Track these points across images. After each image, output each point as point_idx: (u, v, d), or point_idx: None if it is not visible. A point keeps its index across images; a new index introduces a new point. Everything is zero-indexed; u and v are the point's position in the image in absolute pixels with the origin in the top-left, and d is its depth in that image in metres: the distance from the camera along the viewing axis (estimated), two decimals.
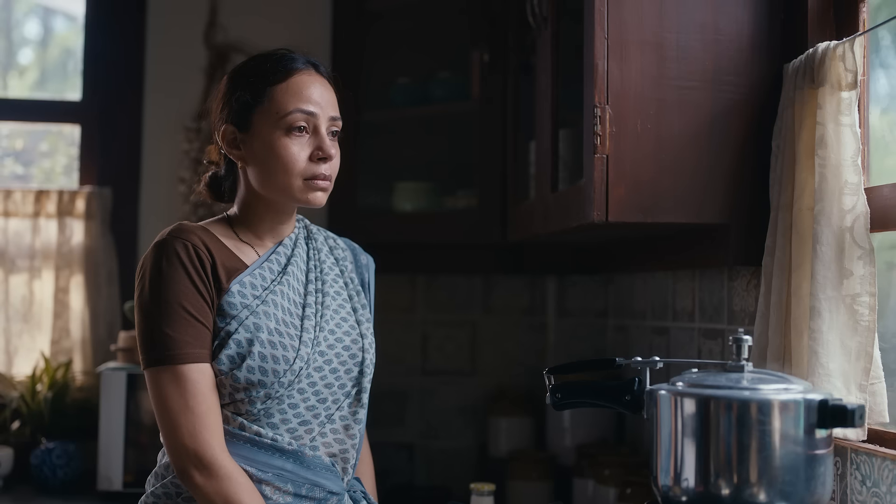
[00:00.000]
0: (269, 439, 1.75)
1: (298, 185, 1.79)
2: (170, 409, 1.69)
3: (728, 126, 1.99)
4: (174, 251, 1.73)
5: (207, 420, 1.69)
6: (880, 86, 1.96)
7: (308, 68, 1.83)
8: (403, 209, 3.05)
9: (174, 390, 1.69)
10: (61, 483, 2.91)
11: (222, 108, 1.85)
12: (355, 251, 2.03)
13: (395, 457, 3.26)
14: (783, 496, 1.46)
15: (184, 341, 1.69)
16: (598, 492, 2.60)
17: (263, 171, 1.80)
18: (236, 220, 1.87)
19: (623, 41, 1.94)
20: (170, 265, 1.72)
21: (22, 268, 3.22)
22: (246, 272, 1.79)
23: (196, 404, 1.68)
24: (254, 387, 1.73)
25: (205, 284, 1.73)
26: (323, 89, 1.83)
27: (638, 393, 1.69)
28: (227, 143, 1.83)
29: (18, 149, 3.49)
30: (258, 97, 1.79)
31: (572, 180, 2.27)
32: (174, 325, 1.70)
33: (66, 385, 3.10)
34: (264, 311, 1.76)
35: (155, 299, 1.71)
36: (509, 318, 3.34)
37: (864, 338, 1.73)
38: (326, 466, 1.80)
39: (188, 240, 1.74)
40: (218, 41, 3.31)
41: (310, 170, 1.79)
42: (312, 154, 1.79)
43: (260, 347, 1.73)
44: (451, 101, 3.01)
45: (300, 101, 1.78)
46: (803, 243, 1.81)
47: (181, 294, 1.71)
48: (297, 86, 1.79)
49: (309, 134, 1.80)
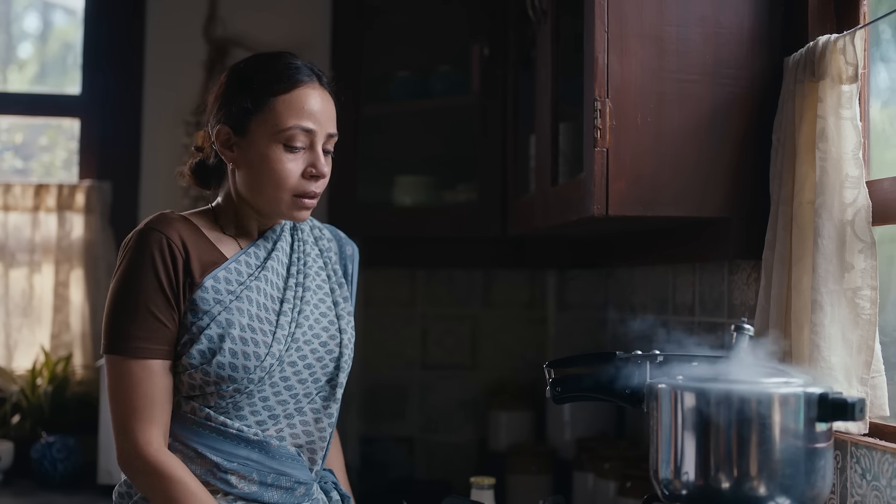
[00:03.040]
0: (235, 429, 1.75)
1: (286, 200, 1.77)
2: (115, 399, 1.71)
3: (728, 119, 1.99)
4: (147, 244, 1.72)
5: (148, 414, 1.69)
6: (881, 79, 1.95)
7: (312, 80, 1.78)
8: (403, 203, 3.05)
9: (122, 381, 1.70)
10: (61, 477, 2.91)
11: (220, 107, 1.81)
12: (341, 241, 2.00)
13: (394, 451, 3.26)
14: (783, 490, 1.46)
15: (139, 336, 1.70)
16: (598, 485, 2.60)
17: (253, 179, 1.78)
18: (221, 213, 1.85)
19: (623, 34, 1.94)
20: (141, 257, 1.72)
21: (22, 262, 3.21)
22: (221, 267, 1.77)
23: (138, 398, 1.69)
24: (223, 381, 1.73)
25: (171, 282, 1.72)
26: (324, 104, 1.79)
27: (638, 387, 1.68)
28: (220, 142, 1.80)
29: (18, 143, 3.48)
30: (258, 105, 1.76)
31: (572, 174, 2.27)
32: (133, 319, 1.70)
33: (66, 379, 3.10)
34: (237, 306, 1.75)
35: (121, 290, 1.72)
36: (509, 312, 3.34)
37: (866, 331, 1.73)
38: (292, 456, 1.80)
39: (165, 233, 1.74)
40: (217, 35, 3.31)
41: (301, 186, 1.76)
42: (305, 171, 1.76)
43: (231, 343, 1.72)
44: (451, 95, 3.01)
45: (301, 118, 1.75)
46: (804, 237, 1.80)
47: (145, 289, 1.71)
48: (299, 100, 1.75)
49: (305, 150, 1.77)
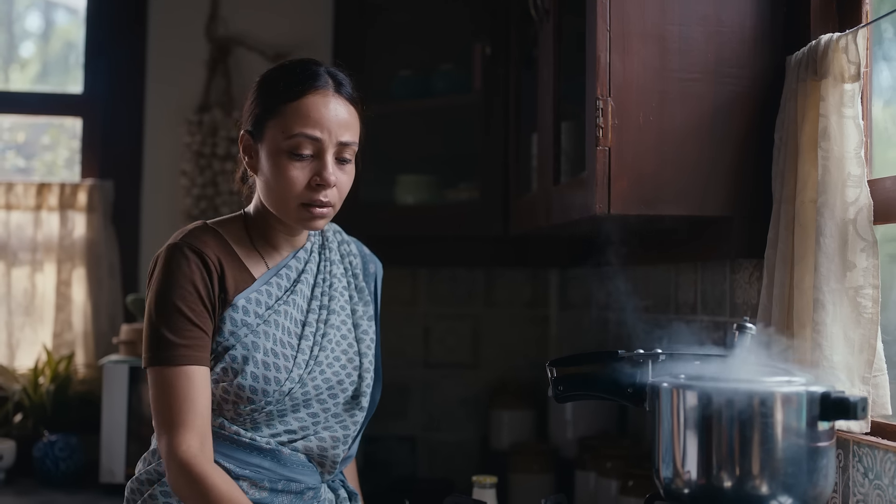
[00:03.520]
0: (248, 439, 1.75)
1: (294, 209, 1.75)
2: (157, 408, 1.70)
3: (730, 118, 1.98)
4: (183, 256, 1.72)
5: (186, 419, 1.67)
6: (883, 78, 1.95)
7: (326, 87, 1.74)
8: (405, 202, 3.05)
9: (163, 390, 1.68)
10: (63, 476, 2.91)
11: (246, 113, 1.82)
12: (365, 259, 1.99)
13: (397, 449, 3.26)
14: (785, 489, 1.46)
15: (179, 344, 1.69)
16: (600, 484, 2.60)
17: (266, 185, 1.77)
18: (252, 223, 1.84)
19: (625, 33, 1.94)
20: (178, 268, 1.71)
21: (24, 261, 3.22)
22: (253, 287, 1.77)
23: (178, 404, 1.67)
24: (241, 401, 1.73)
25: (209, 293, 1.72)
26: (338, 111, 1.74)
27: (640, 385, 1.68)
28: (243, 149, 1.80)
29: (20, 142, 3.49)
30: (271, 111, 1.74)
31: (574, 173, 2.27)
32: (173, 327, 1.69)
33: (69, 378, 3.10)
34: (264, 330, 1.75)
35: (158, 302, 1.71)
36: (511, 311, 3.34)
37: (868, 330, 1.73)
38: (303, 463, 1.80)
39: (200, 248, 1.73)
40: (219, 34, 3.31)
41: (307, 195, 1.73)
42: (311, 180, 1.73)
43: (253, 367, 1.72)
44: (453, 94, 3.00)
45: (307, 125, 1.72)
46: (806, 236, 1.80)
47: (183, 298, 1.70)
48: (307, 108, 1.72)
49: (313, 158, 1.74)
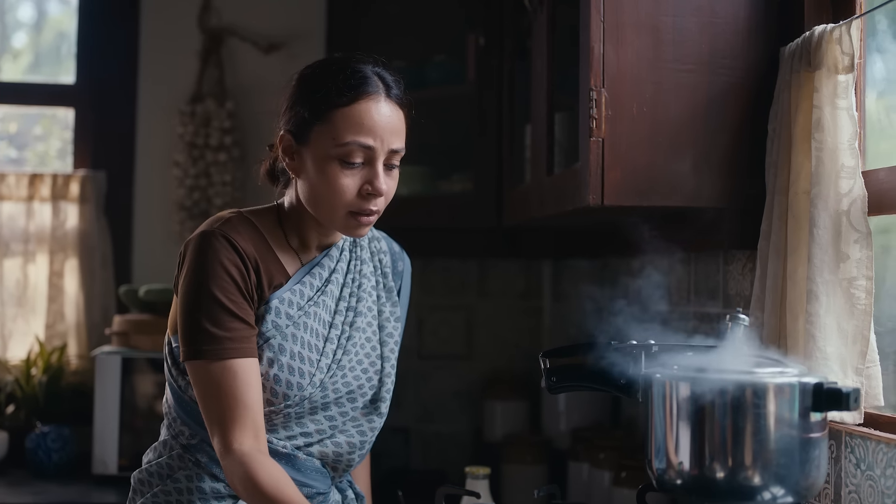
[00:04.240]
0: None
1: (342, 217, 1.70)
2: (206, 404, 1.65)
3: (724, 109, 1.98)
4: (220, 245, 1.66)
5: (240, 416, 1.63)
6: (876, 69, 1.95)
7: (377, 92, 1.69)
8: (398, 193, 3.02)
9: (211, 387, 1.64)
10: (56, 467, 2.91)
11: (284, 112, 1.74)
12: (394, 256, 1.96)
13: (390, 440, 3.25)
14: (778, 479, 1.46)
15: (223, 337, 1.64)
16: (593, 475, 2.60)
17: (311, 191, 1.71)
18: (285, 217, 1.79)
19: (619, 24, 1.93)
20: (214, 257, 1.66)
21: (16, 252, 3.21)
22: (286, 287, 1.73)
23: (227, 401, 1.63)
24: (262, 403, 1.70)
25: (247, 284, 1.68)
26: (388, 117, 1.69)
27: (633, 376, 1.68)
28: (283, 149, 1.74)
29: (12, 132, 3.47)
30: (319, 116, 1.68)
31: (568, 164, 2.27)
32: (214, 319, 1.64)
33: (61, 369, 3.09)
34: (293, 333, 1.71)
35: (194, 292, 1.66)
36: (504, 302, 3.34)
37: (861, 321, 1.73)
38: (317, 468, 1.78)
39: (233, 239, 1.68)
40: (212, 24, 3.30)
41: (356, 204, 1.69)
42: (362, 188, 1.68)
43: (277, 370, 1.69)
44: (446, 85, 3.00)
45: (360, 133, 1.66)
46: (800, 227, 1.80)
47: (221, 287, 1.65)
48: (360, 114, 1.66)
49: (364, 165, 1.69)
